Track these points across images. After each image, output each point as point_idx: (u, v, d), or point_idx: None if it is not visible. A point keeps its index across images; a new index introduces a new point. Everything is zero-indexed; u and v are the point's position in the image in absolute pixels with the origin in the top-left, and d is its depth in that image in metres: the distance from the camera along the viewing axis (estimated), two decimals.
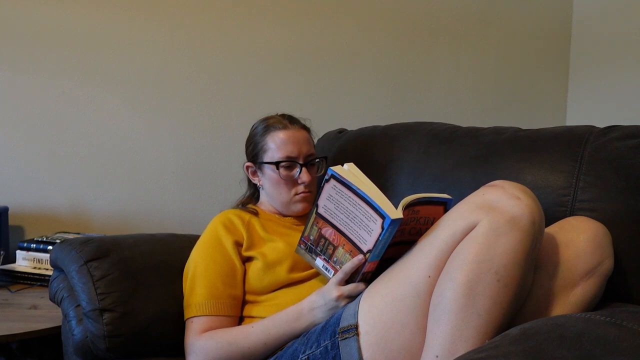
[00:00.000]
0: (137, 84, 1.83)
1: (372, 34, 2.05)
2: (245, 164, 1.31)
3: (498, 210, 0.82)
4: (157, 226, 1.83)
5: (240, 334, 1.05)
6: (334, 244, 0.98)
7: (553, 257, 0.92)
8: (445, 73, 2.15)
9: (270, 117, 1.28)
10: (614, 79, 2.09)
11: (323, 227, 0.98)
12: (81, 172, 1.80)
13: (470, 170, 1.22)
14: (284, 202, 1.24)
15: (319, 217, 0.98)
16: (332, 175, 0.93)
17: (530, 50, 2.23)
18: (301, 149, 1.22)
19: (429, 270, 0.86)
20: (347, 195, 0.92)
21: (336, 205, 0.94)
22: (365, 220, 0.91)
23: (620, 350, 0.59)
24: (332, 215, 0.96)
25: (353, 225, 0.93)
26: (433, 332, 0.82)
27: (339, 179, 0.92)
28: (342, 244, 0.96)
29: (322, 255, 1.00)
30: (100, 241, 1.21)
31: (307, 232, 1.02)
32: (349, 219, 0.93)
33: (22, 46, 1.73)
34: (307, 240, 1.02)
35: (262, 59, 1.93)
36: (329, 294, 0.99)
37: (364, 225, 0.91)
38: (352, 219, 0.93)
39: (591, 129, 1.12)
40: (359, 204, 0.91)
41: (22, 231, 1.77)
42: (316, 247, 1.01)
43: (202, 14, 1.87)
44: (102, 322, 1.10)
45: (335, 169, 0.94)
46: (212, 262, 1.14)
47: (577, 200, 1.05)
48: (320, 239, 0.99)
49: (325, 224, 0.98)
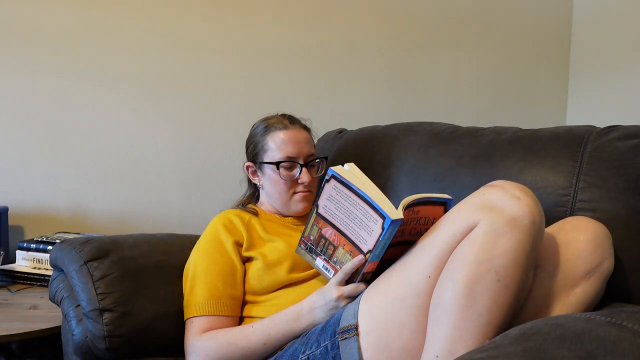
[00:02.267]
0: (137, 84, 1.83)
1: (372, 34, 2.05)
2: (245, 164, 1.31)
3: (498, 211, 0.82)
4: (157, 226, 1.83)
5: (240, 335, 1.05)
6: (334, 244, 0.97)
7: (553, 257, 0.92)
8: (445, 73, 2.15)
9: (270, 117, 1.28)
10: (614, 79, 2.09)
11: (323, 228, 0.98)
12: (81, 172, 1.80)
13: (470, 170, 1.22)
14: (284, 202, 1.24)
15: (319, 217, 0.98)
16: (333, 175, 0.93)
17: (530, 50, 2.23)
18: (301, 149, 1.23)
19: (429, 270, 0.86)
20: (347, 196, 0.92)
21: (337, 205, 0.94)
22: (365, 221, 0.91)
23: (620, 350, 0.59)
24: (332, 216, 0.96)
25: (353, 225, 0.93)
26: (433, 332, 0.82)
27: (339, 179, 0.92)
28: (343, 244, 0.96)
29: (322, 255, 1.00)
30: (100, 241, 1.21)
31: (307, 232, 1.02)
32: (350, 219, 0.93)
33: (22, 46, 1.73)
34: (307, 241, 1.02)
35: (262, 59, 1.93)
36: (329, 294, 0.99)
37: (364, 225, 0.91)
38: (352, 219, 0.93)
39: (591, 129, 1.12)
40: (359, 204, 0.90)
41: (22, 231, 1.77)
42: (316, 247, 1.01)
43: (202, 14, 1.87)
44: (102, 322, 1.10)
45: (335, 169, 0.93)
46: (212, 262, 1.14)
47: (577, 200, 1.05)
48: (320, 239, 0.99)
49: (326, 224, 0.98)
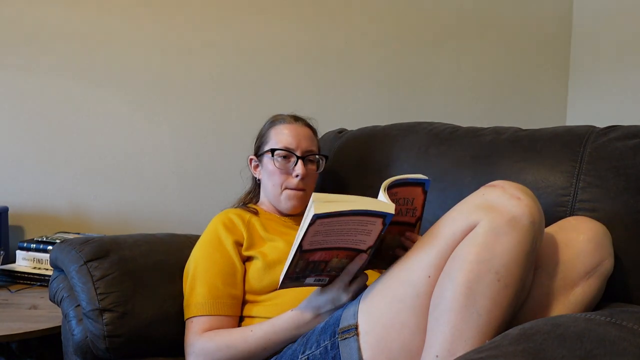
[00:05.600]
0: (137, 84, 1.83)
1: (373, 34, 2.05)
2: (249, 157, 1.35)
3: (498, 211, 0.82)
4: (157, 226, 1.83)
5: (240, 338, 1.04)
6: (325, 261, 0.94)
7: (553, 257, 0.92)
8: (446, 73, 2.15)
9: (279, 114, 1.34)
10: (614, 79, 2.09)
11: (310, 257, 0.92)
12: (81, 172, 1.80)
13: (470, 170, 1.21)
14: (275, 195, 1.26)
15: (303, 254, 0.92)
16: (317, 217, 0.85)
17: (530, 51, 2.23)
18: (300, 143, 1.25)
19: (428, 270, 0.86)
20: (335, 221, 0.87)
21: (325, 235, 0.89)
22: (361, 227, 0.89)
23: (620, 350, 0.59)
24: (320, 244, 0.91)
25: (348, 237, 0.90)
26: (433, 332, 0.82)
27: (324, 216, 0.85)
28: (336, 255, 0.93)
29: (313, 274, 0.97)
30: (100, 241, 1.21)
31: (291, 270, 0.95)
32: (343, 235, 0.90)
33: (22, 46, 1.73)
34: (292, 275, 0.96)
35: (262, 59, 1.93)
36: (338, 300, 0.97)
37: (360, 231, 0.89)
38: (345, 233, 0.89)
39: (591, 129, 1.11)
40: (352, 219, 0.86)
41: (22, 231, 1.77)
42: (304, 272, 0.95)
43: (202, 14, 1.87)
44: (102, 322, 1.10)
45: (315, 211, 0.85)
46: (212, 262, 1.14)
47: (577, 200, 1.05)
48: (308, 265, 0.94)
49: (313, 253, 0.92)
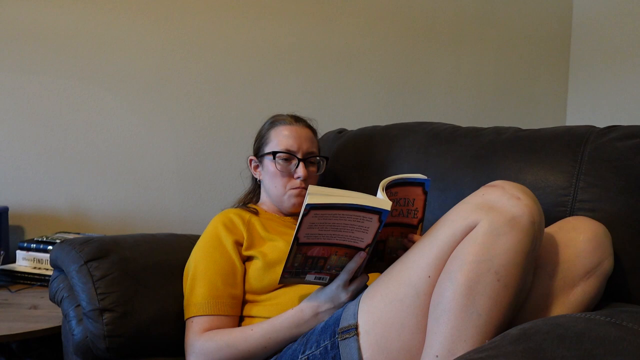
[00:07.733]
0: (137, 84, 1.83)
1: (372, 34, 2.05)
2: (249, 157, 1.35)
3: (498, 211, 0.82)
4: (157, 226, 1.83)
5: (240, 338, 1.04)
6: (324, 257, 0.94)
7: (553, 257, 0.92)
8: (445, 73, 2.15)
9: (279, 115, 1.33)
10: (613, 79, 2.09)
11: (308, 251, 0.93)
12: (81, 172, 1.80)
13: (470, 170, 1.22)
14: (278, 195, 1.26)
15: (301, 247, 0.93)
16: (311, 207, 0.86)
17: (530, 50, 2.23)
18: (301, 145, 1.25)
19: (428, 271, 0.86)
20: (331, 214, 0.87)
21: (320, 228, 0.90)
22: (358, 224, 0.89)
23: (620, 350, 0.59)
24: (317, 237, 0.92)
25: (345, 233, 0.90)
26: (433, 332, 0.82)
27: (317, 206, 0.86)
28: (334, 252, 0.93)
29: (313, 270, 0.97)
30: (100, 241, 1.21)
31: (289, 263, 0.95)
32: (339, 230, 0.90)
33: (22, 46, 1.73)
34: (291, 269, 0.96)
35: (262, 59, 1.93)
36: (337, 298, 0.97)
37: (357, 228, 0.89)
38: (342, 229, 0.89)
39: (591, 129, 1.11)
40: (347, 214, 0.86)
41: (22, 231, 1.77)
42: (303, 268, 0.96)
43: (202, 14, 1.87)
44: (102, 322, 1.10)
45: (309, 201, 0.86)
46: (212, 261, 1.14)
47: (577, 200, 1.05)
48: (307, 260, 0.94)
49: (310, 247, 0.93)
